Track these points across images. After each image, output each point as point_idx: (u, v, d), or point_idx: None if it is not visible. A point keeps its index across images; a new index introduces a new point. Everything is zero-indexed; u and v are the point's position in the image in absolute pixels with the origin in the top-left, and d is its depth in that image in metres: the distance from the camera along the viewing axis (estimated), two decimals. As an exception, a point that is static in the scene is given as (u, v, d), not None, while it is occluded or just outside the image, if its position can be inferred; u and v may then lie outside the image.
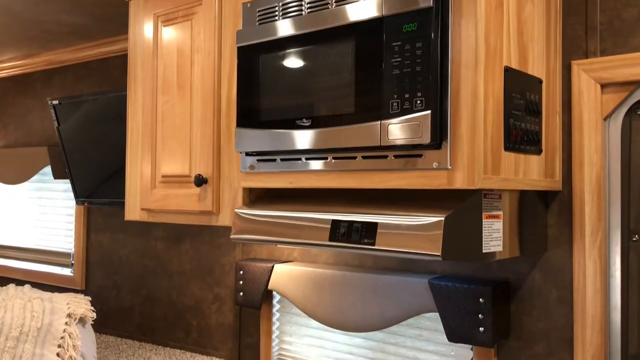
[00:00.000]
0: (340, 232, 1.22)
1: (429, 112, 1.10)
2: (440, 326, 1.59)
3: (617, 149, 1.37)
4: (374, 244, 1.16)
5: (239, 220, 1.43)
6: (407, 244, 1.12)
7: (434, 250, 1.08)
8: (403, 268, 1.66)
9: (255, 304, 1.91)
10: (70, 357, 1.69)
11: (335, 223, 1.23)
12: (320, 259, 1.85)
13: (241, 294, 1.95)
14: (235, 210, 1.44)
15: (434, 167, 1.13)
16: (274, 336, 1.96)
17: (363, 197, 1.30)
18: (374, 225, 1.17)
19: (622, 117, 1.36)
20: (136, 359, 2.07)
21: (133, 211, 1.75)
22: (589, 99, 1.36)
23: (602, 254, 1.36)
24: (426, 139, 1.11)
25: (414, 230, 1.12)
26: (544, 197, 1.42)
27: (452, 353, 1.57)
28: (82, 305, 1.81)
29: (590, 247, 1.36)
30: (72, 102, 2.32)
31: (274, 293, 1.96)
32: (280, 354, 1.96)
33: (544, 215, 1.42)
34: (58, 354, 1.68)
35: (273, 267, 1.88)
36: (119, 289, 2.44)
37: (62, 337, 1.71)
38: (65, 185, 2.67)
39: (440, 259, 1.08)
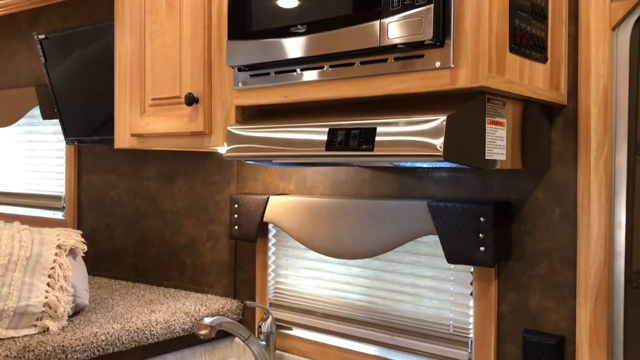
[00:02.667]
0: (337, 140, 1.17)
1: (430, 5, 1.04)
2: (438, 251, 1.55)
3: (625, 60, 1.31)
4: (372, 149, 1.11)
5: (232, 138, 1.37)
6: (407, 147, 1.08)
7: (435, 150, 1.03)
8: (401, 194, 1.62)
9: (250, 236, 1.87)
10: (61, 287, 1.65)
11: (332, 131, 1.18)
12: (317, 191, 1.80)
13: (236, 227, 1.91)
14: (228, 128, 1.39)
15: (437, 66, 1.08)
16: (269, 270, 1.93)
17: (361, 108, 1.25)
18: (373, 130, 1.12)
19: (632, 26, 1.30)
20: (130, 296, 2.04)
21: (123, 138, 1.70)
22: (597, 7, 1.30)
23: (608, 169, 1.31)
24: (428, 34, 1.05)
25: (415, 130, 1.07)
26: (549, 113, 1.37)
27: (452, 278, 1.54)
28: (72, 237, 1.76)
29: (596, 162, 1.31)
30: (59, 36, 2.23)
31: (270, 227, 1.92)
32: (276, 288, 1.93)
33: (548, 131, 1.37)
34: (48, 284, 1.64)
35: (268, 198, 1.83)
36: (111, 231, 2.40)
37: (52, 268, 1.66)
38: (54, 127, 2.61)
39: (441, 159, 1.03)
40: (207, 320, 1.67)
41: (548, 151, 1.38)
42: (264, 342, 1.81)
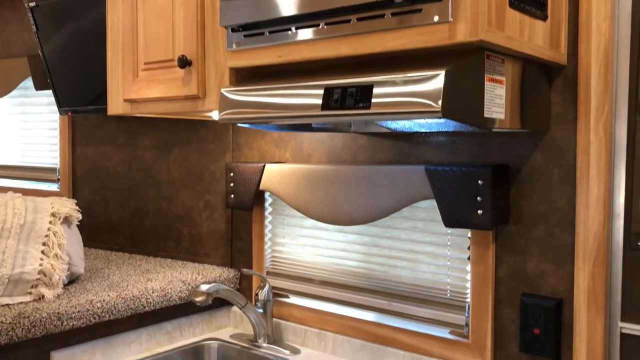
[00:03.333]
0: (333, 99, 1.14)
1: (428, -44, 1.02)
2: (436, 216, 1.54)
3: (628, 18, 1.28)
4: (369, 107, 1.09)
5: (226, 101, 1.35)
6: (405, 104, 1.05)
7: (433, 107, 1.01)
8: (398, 160, 1.60)
9: (246, 205, 1.86)
10: (56, 255, 1.64)
11: (327, 90, 1.16)
12: (313, 159, 1.79)
13: (232, 196, 1.89)
14: (222, 90, 1.36)
15: (435, 21, 1.05)
16: (266, 239, 1.92)
17: (357, 67, 1.22)
18: (369, 87, 1.10)
19: (634, -17, 1.28)
20: (126, 266, 2.03)
21: (116, 104, 1.67)
22: (599, -37, 1.27)
23: (608, 130, 1.30)
24: (426, -13, 1.02)
25: (413, 88, 1.05)
26: (548, 74, 1.35)
27: (449, 243, 1.53)
28: (66, 205, 1.75)
29: (595, 123, 1.30)
30: (50, 4, 2.19)
31: (266, 196, 1.91)
32: (273, 257, 1.92)
33: (547, 92, 1.35)
34: (43, 252, 1.63)
35: (264, 166, 1.81)
36: (107, 203, 2.39)
37: (46, 236, 1.65)
38: (48, 98, 2.57)
39: (439, 116, 1.01)
40: (204, 287, 1.66)
41: (547, 113, 1.36)
42: (261, 310, 1.81)
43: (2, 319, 1.42)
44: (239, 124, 1.35)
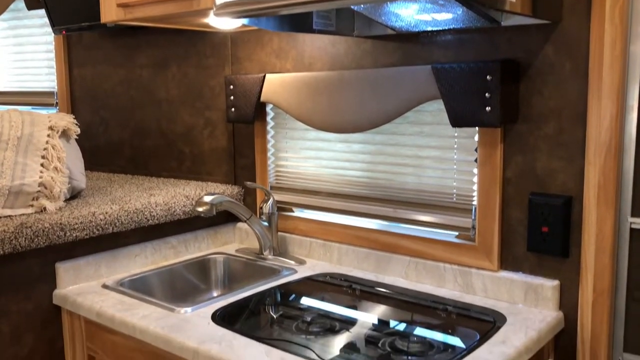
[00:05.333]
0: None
1: None
2: (442, 119, 1.50)
3: None
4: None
5: (222, -5, 1.28)
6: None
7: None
8: (404, 62, 1.55)
9: (247, 118, 1.81)
10: (56, 168, 1.61)
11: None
12: (315, 68, 1.73)
13: (232, 109, 1.85)
14: (218, -16, 1.29)
15: None
16: (269, 154, 1.88)
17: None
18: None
19: None
20: (129, 185, 2.01)
21: (109, 11, 1.60)
22: None
23: (624, 17, 1.23)
24: None
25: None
26: (561, -41, 1.27)
27: (455, 146, 1.49)
28: (64, 119, 1.71)
29: (611, 10, 1.23)
30: None
31: (268, 110, 1.86)
32: (277, 171, 1.89)
33: (561, -21, 1.28)
34: (42, 165, 1.60)
35: (264, 76, 1.76)
36: (106, 124, 2.35)
37: (44, 149, 1.62)
38: (41, 20, 2.50)
39: (447, -10, 0.95)
40: (207, 197, 1.65)
41: (559, 1, 1.29)
42: (266, 223, 1.80)
43: (4, 229, 1.41)
44: (235, 18, 1.29)
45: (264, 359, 1.13)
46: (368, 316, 1.36)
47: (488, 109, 1.33)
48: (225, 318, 1.33)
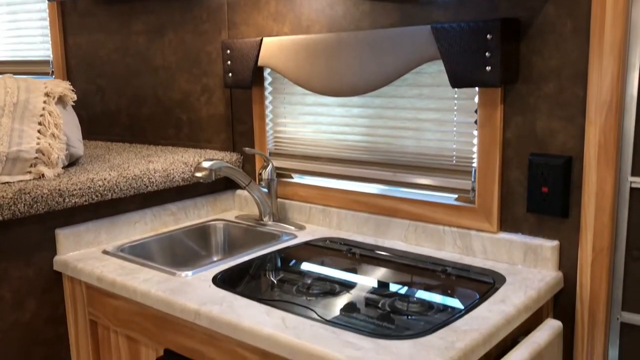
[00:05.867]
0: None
1: None
2: (442, 80, 1.49)
3: None
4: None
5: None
6: None
7: None
8: (403, 23, 1.52)
9: (245, 83, 1.80)
10: (53, 134, 1.60)
11: None
12: (313, 30, 1.71)
13: (230, 74, 1.83)
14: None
15: None
16: (267, 120, 1.87)
17: None
18: None
19: None
20: (127, 153, 2.00)
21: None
22: None
23: (626, -27, 1.21)
24: None
25: None
26: None
27: (455, 108, 1.48)
28: (60, 85, 1.69)
29: (613, -34, 1.21)
30: None
31: (265, 75, 1.84)
32: (275, 137, 1.88)
33: None
34: (39, 131, 1.59)
35: (262, 40, 1.74)
36: (103, 92, 2.33)
37: (41, 115, 1.61)
38: (33, -13, 2.46)
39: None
40: (206, 163, 1.64)
41: (562, -42, 1.27)
42: (265, 189, 1.79)
43: (2, 194, 1.41)
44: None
45: (265, 319, 1.13)
46: (368, 279, 1.37)
47: (488, 68, 1.31)
48: (226, 281, 1.34)
